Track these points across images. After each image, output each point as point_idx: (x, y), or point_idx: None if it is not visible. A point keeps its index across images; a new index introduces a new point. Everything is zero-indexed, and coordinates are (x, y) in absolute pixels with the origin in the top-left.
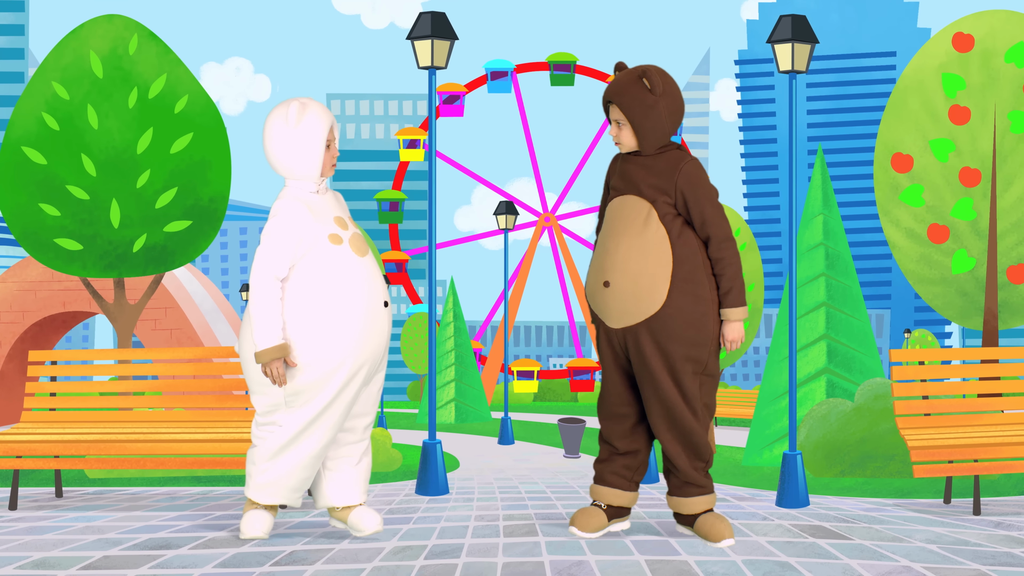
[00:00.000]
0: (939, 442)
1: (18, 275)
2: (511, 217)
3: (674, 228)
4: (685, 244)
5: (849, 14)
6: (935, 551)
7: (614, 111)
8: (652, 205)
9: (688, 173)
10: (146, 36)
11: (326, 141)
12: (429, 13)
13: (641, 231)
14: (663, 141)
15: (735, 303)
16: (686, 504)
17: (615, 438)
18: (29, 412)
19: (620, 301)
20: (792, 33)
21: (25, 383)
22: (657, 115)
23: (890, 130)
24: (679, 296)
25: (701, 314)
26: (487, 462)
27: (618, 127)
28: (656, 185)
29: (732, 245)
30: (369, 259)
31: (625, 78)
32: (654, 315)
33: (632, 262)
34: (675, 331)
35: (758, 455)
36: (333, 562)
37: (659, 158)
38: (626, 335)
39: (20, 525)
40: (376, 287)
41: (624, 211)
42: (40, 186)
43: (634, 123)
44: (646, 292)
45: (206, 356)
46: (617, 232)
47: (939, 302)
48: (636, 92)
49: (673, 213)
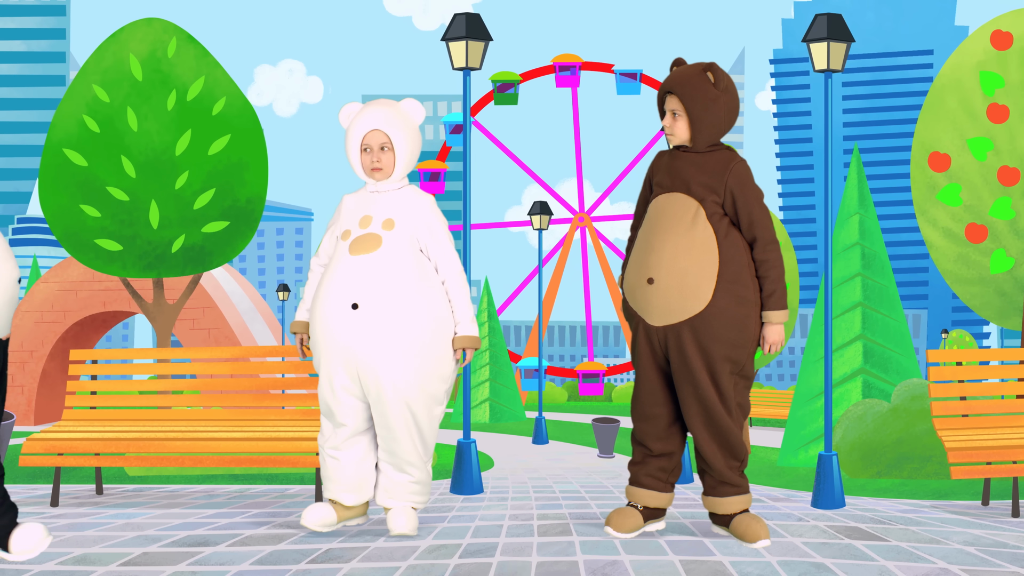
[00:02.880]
0: (977, 443)
1: (59, 275)
2: (545, 217)
3: (721, 228)
4: (731, 245)
5: (885, 12)
6: (973, 553)
7: (672, 101)
8: (700, 203)
9: (739, 173)
10: (184, 39)
11: (361, 145)
12: (464, 14)
13: (689, 229)
14: (717, 138)
15: (777, 306)
16: (722, 504)
17: (649, 439)
18: (70, 410)
19: (664, 299)
20: (828, 32)
21: (66, 382)
22: (717, 110)
23: (927, 129)
24: (723, 296)
25: (744, 315)
26: (521, 461)
27: (673, 117)
28: (706, 183)
29: (777, 248)
30: (361, 259)
31: (689, 70)
32: (698, 314)
33: (679, 260)
34: (717, 331)
35: (793, 456)
36: (368, 560)
37: (709, 156)
38: (667, 333)
39: (61, 521)
40: (349, 288)
41: (671, 208)
42: (81, 187)
43: (693, 115)
44: (691, 291)
45: (243, 355)
46: (663, 229)
47: (977, 302)
48: (700, 84)
49: (720, 213)
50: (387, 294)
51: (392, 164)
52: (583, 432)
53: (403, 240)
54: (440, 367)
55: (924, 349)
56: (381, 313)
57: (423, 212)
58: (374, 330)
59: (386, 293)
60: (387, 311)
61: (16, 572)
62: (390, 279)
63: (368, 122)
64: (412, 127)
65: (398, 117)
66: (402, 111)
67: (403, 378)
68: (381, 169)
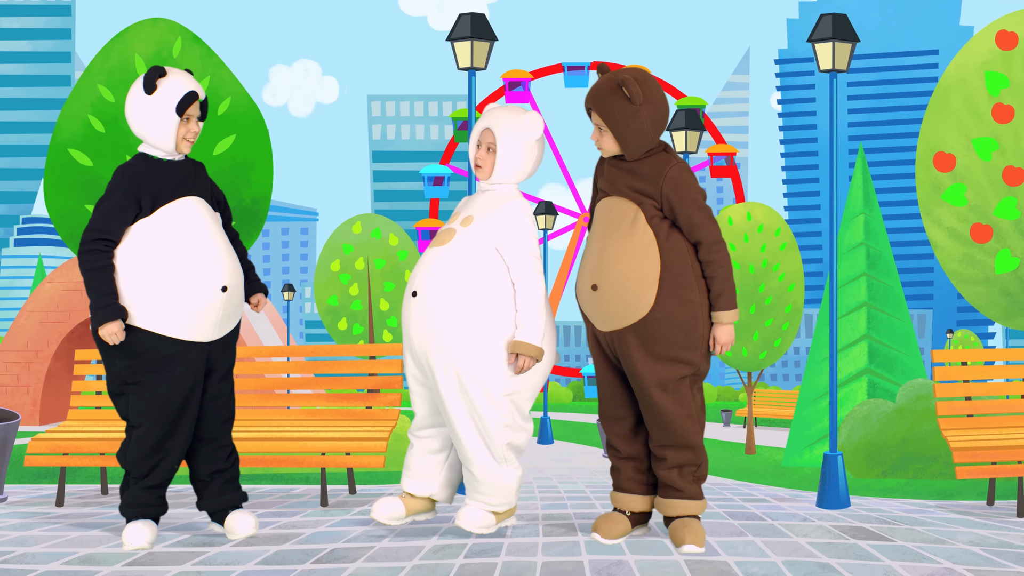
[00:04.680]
0: (982, 443)
1: (65, 275)
2: (550, 217)
3: (662, 231)
4: (673, 247)
5: (890, 12)
6: (978, 553)
7: (594, 116)
8: (639, 208)
9: (673, 178)
10: (189, 39)
11: (476, 142)
12: (468, 14)
13: (628, 234)
14: (647, 148)
15: (727, 306)
16: (665, 506)
17: (618, 441)
18: (75, 410)
19: (608, 304)
20: (833, 32)
21: (71, 382)
22: (639, 123)
23: (932, 129)
24: (667, 300)
25: (690, 317)
26: (526, 461)
27: (599, 132)
28: (641, 190)
29: (722, 247)
30: (434, 250)
31: (604, 86)
32: (642, 319)
33: (620, 265)
34: (663, 335)
35: (798, 456)
36: (373, 560)
37: (644, 163)
38: (614, 338)
39: (66, 521)
40: (415, 277)
41: (612, 213)
42: (86, 187)
43: (616, 131)
44: (634, 296)
45: (248, 356)
46: (605, 234)
47: (982, 302)
48: (615, 101)
49: (660, 216)
50: (443, 284)
51: (492, 165)
52: (588, 432)
53: (476, 237)
54: (493, 366)
55: (929, 349)
56: (434, 302)
57: (507, 215)
58: (427, 318)
59: (442, 283)
60: (440, 301)
61: (22, 572)
62: (450, 271)
63: (484, 121)
64: (523, 135)
65: (512, 123)
66: (519, 119)
67: (451, 364)
68: (481, 167)
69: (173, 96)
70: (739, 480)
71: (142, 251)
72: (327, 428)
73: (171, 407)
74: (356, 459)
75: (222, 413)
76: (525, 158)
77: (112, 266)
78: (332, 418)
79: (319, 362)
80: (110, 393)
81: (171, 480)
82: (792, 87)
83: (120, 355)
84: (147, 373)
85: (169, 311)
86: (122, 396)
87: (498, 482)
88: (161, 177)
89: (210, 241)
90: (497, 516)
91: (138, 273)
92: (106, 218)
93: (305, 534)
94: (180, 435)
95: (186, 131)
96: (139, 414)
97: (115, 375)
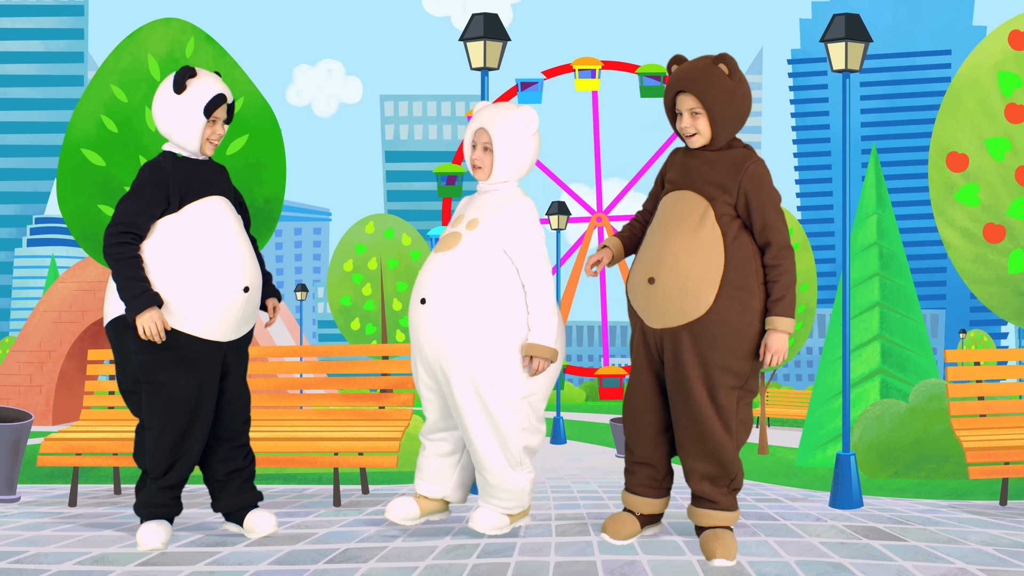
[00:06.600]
0: (995, 443)
1: (77, 275)
2: (563, 217)
3: (730, 231)
4: (739, 249)
5: (903, 12)
6: (991, 553)
7: (687, 100)
8: (710, 203)
9: (754, 173)
10: (202, 39)
11: (471, 143)
12: (481, 14)
13: (695, 229)
14: (734, 133)
15: (785, 312)
16: (698, 515)
17: (637, 445)
18: (88, 410)
19: (663, 300)
20: (846, 32)
21: (84, 382)
22: (736, 102)
23: (945, 129)
24: (727, 302)
25: (747, 324)
26: (539, 461)
27: (693, 116)
28: (718, 182)
29: (790, 254)
30: (439, 256)
31: (699, 64)
32: (698, 319)
33: (682, 260)
34: (718, 339)
35: (811, 456)
36: (386, 560)
37: (725, 154)
38: (664, 337)
39: (79, 521)
40: (421, 283)
41: (679, 206)
42: (99, 187)
43: (713, 111)
44: (692, 294)
45: (261, 356)
46: (669, 228)
47: (995, 302)
48: (715, 78)
49: (731, 214)
50: (452, 290)
51: (490, 164)
52: (601, 432)
53: (483, 240)
54: (506, 369)
55: (942, 349)
56: (444, 308)
57: (513, 215)
58: (437, 324)
59: (451, 289)
60: (450, 306)
61: (35, 572)
62: (459, 276)
63: (476, 121)
64: (518, 131)
65: (506, 119)
66: (513, 115)
67: (466, 372)
68: (480, 168)
69: (202, 97)
70: (752, 480)
71: (167, 247)
72: (340, 428)
73: (186, 406)
74: (369, 459)
75: (241, 415)
76: (523, 154)
77: (140, 258)
78: (345, 418)
79: (332, 362)
80: (121, 391)
81: (187, 480)
82: (805, 87)
83: (137, 350)
84: (164, 371)
85: (191, 308)
86: (134, 394)
87: (512, 487)
88: (189, 174)
89: (234, 241)
90: (511, 518)
91: (162, 269)
92: (134, 212)
93: (318, 534)
94: (197, 435)
95: (211, 133)
96: (154, 413)
97: (128, 372)
